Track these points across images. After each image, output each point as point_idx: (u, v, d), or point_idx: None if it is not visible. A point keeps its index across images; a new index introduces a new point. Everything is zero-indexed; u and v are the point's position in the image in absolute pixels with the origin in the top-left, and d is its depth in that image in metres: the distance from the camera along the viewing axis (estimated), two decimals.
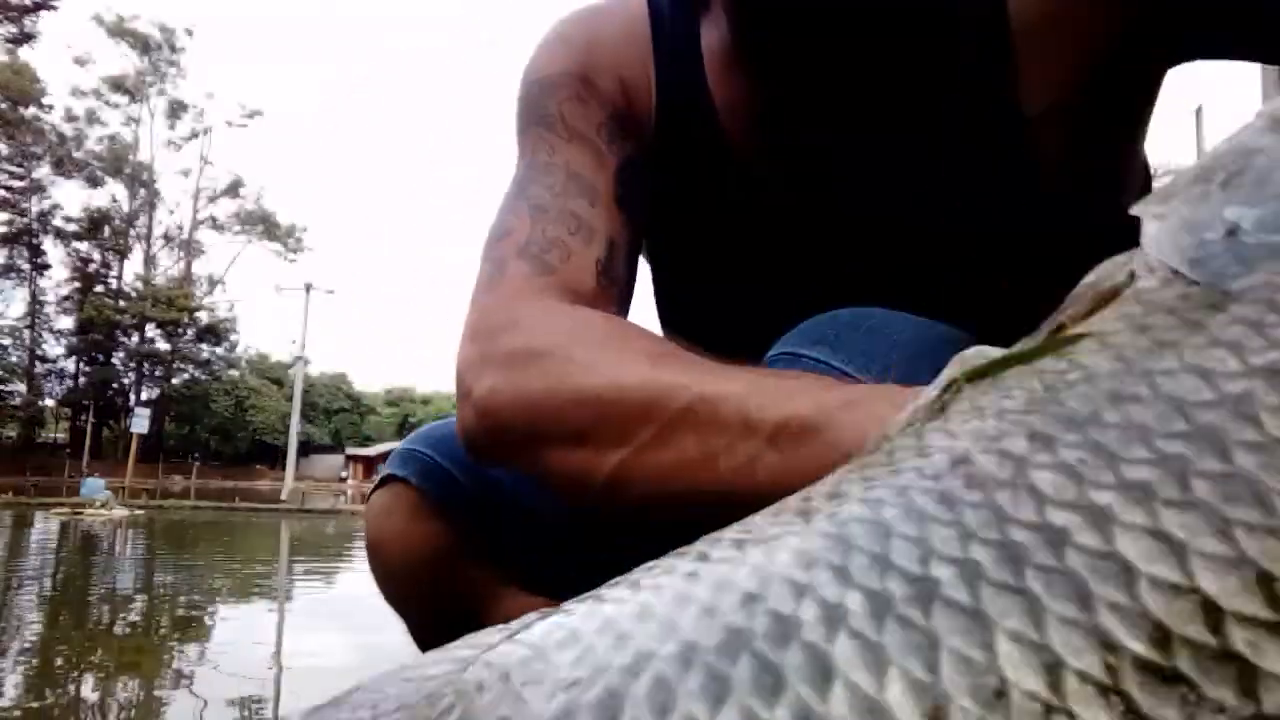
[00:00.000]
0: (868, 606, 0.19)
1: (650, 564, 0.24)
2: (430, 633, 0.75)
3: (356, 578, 7.52)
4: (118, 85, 49.89)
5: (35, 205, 45.54)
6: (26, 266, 46.47)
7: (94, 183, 48.49)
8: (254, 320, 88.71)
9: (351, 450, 55.79)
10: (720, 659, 0.19)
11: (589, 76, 0.68)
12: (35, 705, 3.59)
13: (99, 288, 47.63)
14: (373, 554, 0.76)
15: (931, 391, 0.26)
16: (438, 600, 0.74)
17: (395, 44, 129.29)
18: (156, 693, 3.87)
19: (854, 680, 0.18)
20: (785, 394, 0.44)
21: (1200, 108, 11.94)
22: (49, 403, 48.57)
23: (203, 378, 49.45)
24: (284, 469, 33.41)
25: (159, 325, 46.63)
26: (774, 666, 0.19)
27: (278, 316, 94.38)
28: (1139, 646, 0.17)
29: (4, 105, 40.74)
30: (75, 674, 4.17)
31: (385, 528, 0.74)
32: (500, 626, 0.26)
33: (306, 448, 53.28)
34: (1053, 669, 0.17)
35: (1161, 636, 0.17)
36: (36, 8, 41.13)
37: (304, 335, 33.64)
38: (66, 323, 47.62)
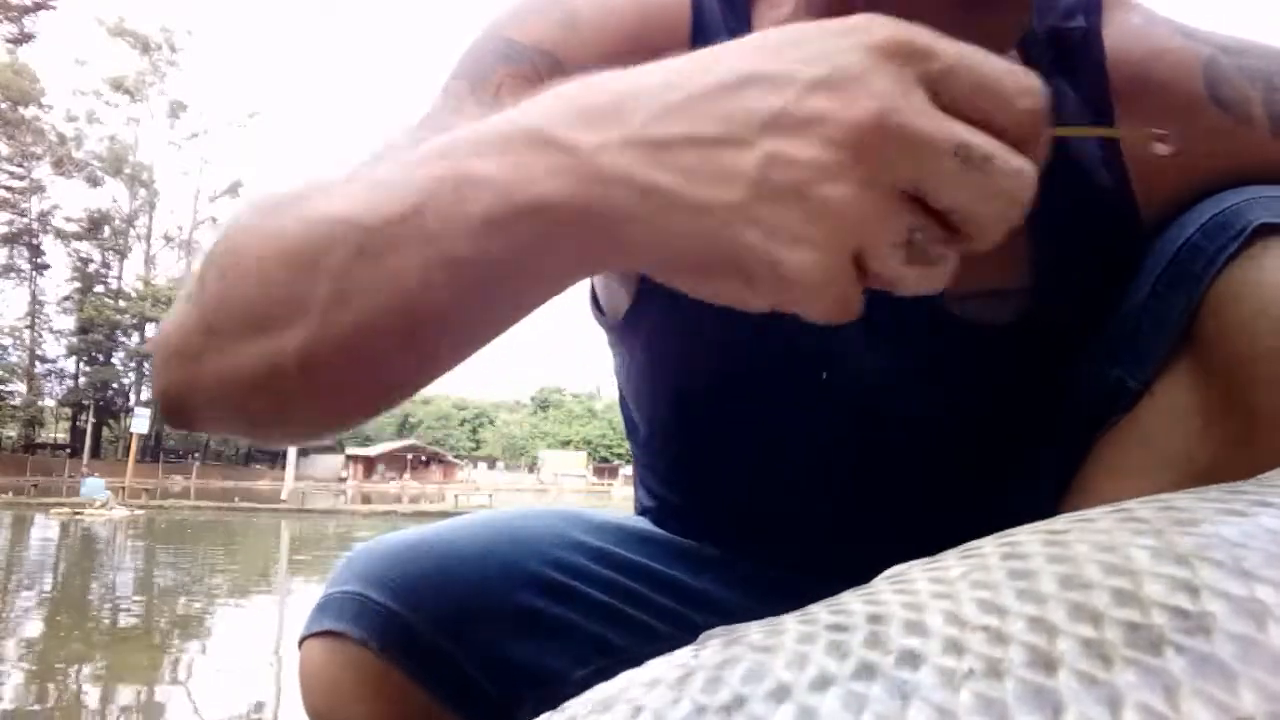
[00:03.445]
0: None
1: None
2: None
3: None
4: (118, 85, 49.89)
5: (35, 205, 45.60)
6: (26, 266, 46.50)
7: (94, 183, 48.50)
8: None
9: (351, 450, 55.76)
10: None
11: (565, 66, 0.51)
12: (35, 706, 3.60)
13: (99, 288, 47.62)
14: None
15: None
16: None
17: (396, 43, 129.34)
18: (157, 692, 3.87)
19: None
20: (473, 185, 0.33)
21: None
22: (49, 403, 48.57)
23: None
24: (284, 469, 33.37)
25: (159, 325, 46.59)
26: None
27: None
28: None
29: (4, 105, 40.74)
30: (75, 673, 4.17)
31: (343, 709, 0.58)
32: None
33: (306, 448, 53.23)
34: None
35: None
36: (36, 8, 41.14)
37: None
38: (66, 323, 47.68)
